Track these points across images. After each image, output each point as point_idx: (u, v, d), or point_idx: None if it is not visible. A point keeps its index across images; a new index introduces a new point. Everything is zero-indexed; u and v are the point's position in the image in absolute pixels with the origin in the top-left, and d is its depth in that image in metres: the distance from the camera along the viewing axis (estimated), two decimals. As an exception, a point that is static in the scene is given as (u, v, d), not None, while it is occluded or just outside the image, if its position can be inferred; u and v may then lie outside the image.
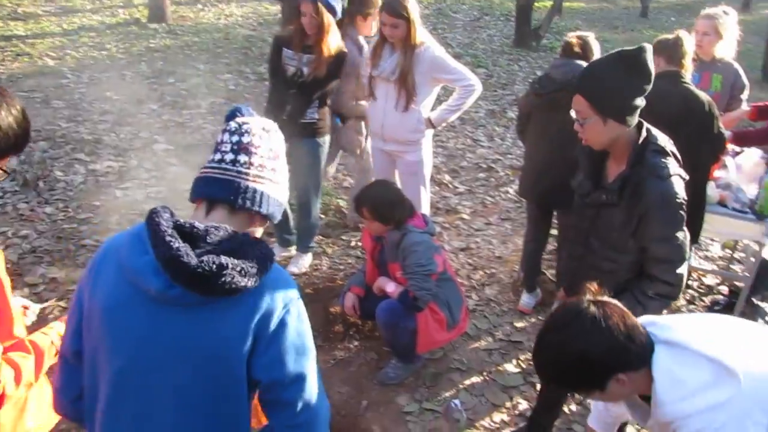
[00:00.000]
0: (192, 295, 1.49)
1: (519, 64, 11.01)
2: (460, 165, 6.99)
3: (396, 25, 4.09)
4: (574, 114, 2.53)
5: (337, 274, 4.88)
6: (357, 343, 4.19)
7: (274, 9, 12.66)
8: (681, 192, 2.49)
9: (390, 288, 3.76)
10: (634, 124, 2.53)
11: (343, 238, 5.39)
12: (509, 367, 4.09)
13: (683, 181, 2.52)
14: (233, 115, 1.75)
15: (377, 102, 4.40)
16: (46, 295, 4.28)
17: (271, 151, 1.69)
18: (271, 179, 1.68)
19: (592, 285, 1.95)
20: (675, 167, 2.50)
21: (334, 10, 4.24)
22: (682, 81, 3.72)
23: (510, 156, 7.30)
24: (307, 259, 4.92)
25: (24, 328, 2.09)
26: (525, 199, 4.69)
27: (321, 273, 4.89)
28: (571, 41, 4.03)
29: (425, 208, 4.66)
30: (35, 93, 7.85)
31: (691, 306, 4.88)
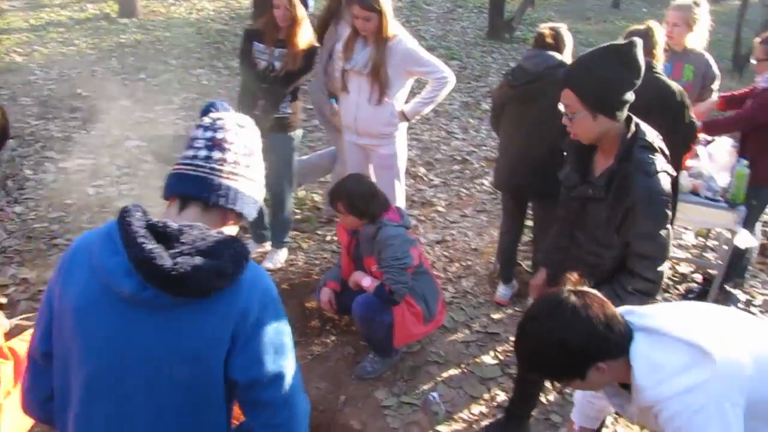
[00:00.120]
0: (166, 297, 1.46)
1: (492, 55, 11.03)
2: (435, 157, 6.98)
3: (368, 18, 4.06)
4: (563, 108, 2.52)
5: (313, 269, 4.86)
6: (334, 337, 4.18)
7: (246, 3, 12.56)
8: (667, 189, 2.49)
9: (366, 282, 3.75)
10: (624, 118, 2.53)
11: (319, 232, 5.36)
12: (487, 359, 4.09)
13: (670, 177, 2.52)
14: (208, 110, 1.71)
15: (350, 95, 4.37)
16: (16, 296, 4.22)
17: (245, 147, 1.65)
18: (246, 176, 1.65)
19: (573, 275, 1.96)
20: (662, 163, 2.50)
21: (306, 3, 4.21)
22: (654, 71, 3.73)
23: (485, 148, 7.32)
24: (282, 254, 4.89)
25: (1, 335, 2.05)
26: (500, 191, 4.69)
27: (297, 268, 4.86)
28: (543, 32, 4.03)
29: (400, 202, 4.65)
30: (2, 90, 7.74)
31: (665, 294, 4.92)
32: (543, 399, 3.71)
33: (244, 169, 1.64)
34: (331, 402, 3.67)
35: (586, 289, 1.93)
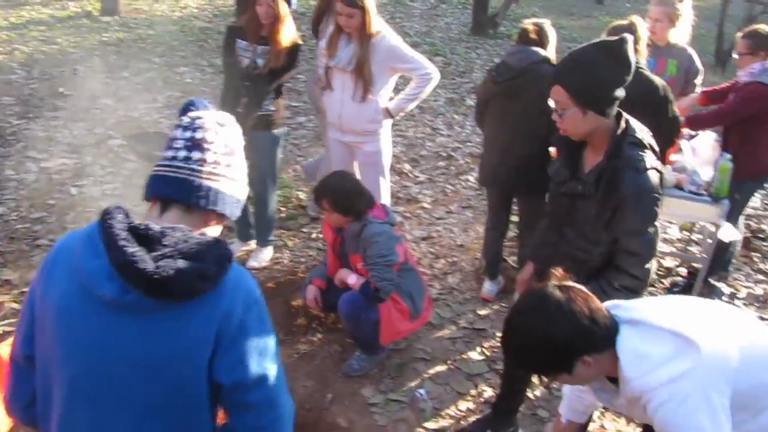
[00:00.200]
0: (148, 301, 1.44)
1: (477, 51, 11.02)
2: (420, 154, 6.98)
3: (351, 14, 4.04)
4: (553, 104, 2.51)
5: (299, 266, 4.84)
6: (320, 335, 4.17)
7: (230, 0, 12.50)
8: (657, 186, 2.49)
9: (351, 280, 3.74)
10: (614, 115, 2.53)
11: (304, 230, 5.35)
12: (473, 355, 4.09)
13: (659, 174, 2.52)
14: (187, 108, 1.69)
15: (334, 93, 4.35)
16: (-1, 298, 4.18)
17: (226, 146, 1.63)
18: (227, 176, 1.62)
19: (558, 270, 1.97)
20: (652, 160, 2.50)
21: (289, 0, 4.19)
22: (637, 66, 3.74)
23: (470, 144, 7.31)
24: (267, 252, 4.87)
25: None
26: (485, 187, 4.69)
27: (282, 266, 4.84)
28: (527, 28, 4.03)
29: (385, 199, 4.64)
30: (-17, 90, 7.66)
31: (650, 288, 4.93)
32: (530, 394, 3.71)
33: (225, 168, 1.62)
34: (318, 400, 3.66)
35: (570, 284, 1.93)
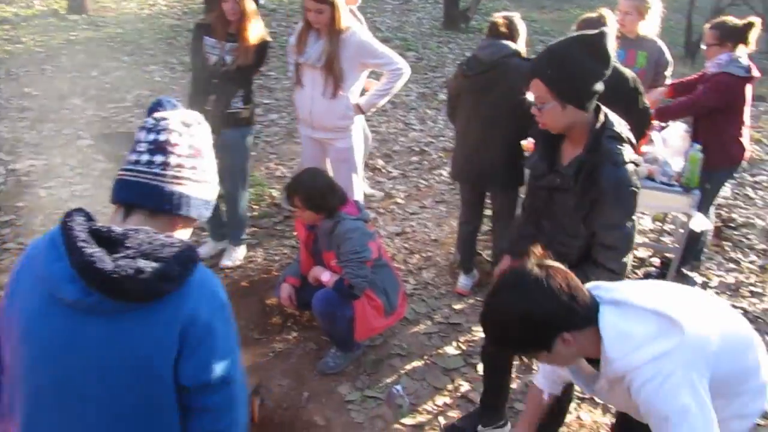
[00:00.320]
0: (110, 302, 1.42)
1: (449, 46, 11.02)
2: (393, 149, 6.96)
3: (320, 10, 4.01)
4: (532, 98, 2.50)
5: (273, 265, 4.81)
6: (295, 334, 4.15)
7: (199, -3, 12.39)
8: (634, 179, 2.50)
9: (325, 277, 3.72)
10: (593, 108, 2.53)
11: (278, 228, 5.32)
12: (449, 350, 4.09)
13: (637, 167, 2.53)
14: (155, 108, 1.65)
15: (304, 89, 4.32)
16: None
17: (191, 148, 1.59)
18: (192, 178, 1.59)
19: (536, 249, 1.96)
20: (630, 154, 2.51)
21: None
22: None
23: (442, 138, 7.31)
24: (240, 251, 4.83)
25: None
26: (457, 181, 4.69)
27: (256, 265, 4.81)
28: (497, 21, 4.03)
29: (358, 195, 4.62)
30: (-53, 91, 7.52)
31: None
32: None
33: (190, 171, 1.59)
34: (294, 399, 3.64)
35: (549, 262, 1.93)
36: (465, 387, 3.81)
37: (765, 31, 4.75)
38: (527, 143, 4.07)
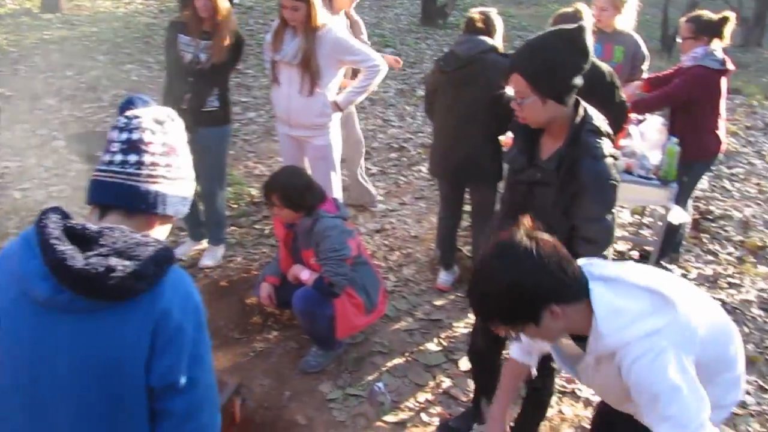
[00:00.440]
0: (81, 300, 1.40)
1: (427, 42, 11.03)
2: (372, 146, 6.94)
3: (296, 7, 3.99)
4: (512, 93, 2.50)
5: (252, 264, 4.79)
6: (276, 333, 4.13)
7: (175, -6, 12.31)
8: (614, 173, 2.50)
9: (305, 275, 3.71)
10: (572, 103, 2.53)
11: (257, 227, 5.29)
12: (431, 346, 4.09)
13: (616, 161, 2.53)
14: (127, 106, 1.63)
15: (281, 87, 4.29)
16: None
17: (164, 146, 1.58)
18: (167, 176, 1.57)
19: (526, 219, 1.93)
20: (609, 148, 2.51)
21: None
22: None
23: (421, 134, 7.31)
24: (219, 251, 4.80)
25: None
26: (436, 177, 4.69)
27: (235, 264, 4.78)
28: (473, 17, 4.03)
29: (337, 192, 4.60)
30: None
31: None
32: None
33: (165, 169, 1.57)
34: (276, 398, 3.63)
35: (538, 233, 1.89)
36: (447, 383, 3.80)
37: (739, 25, 4.78)
38: (506, 138, 4.08)
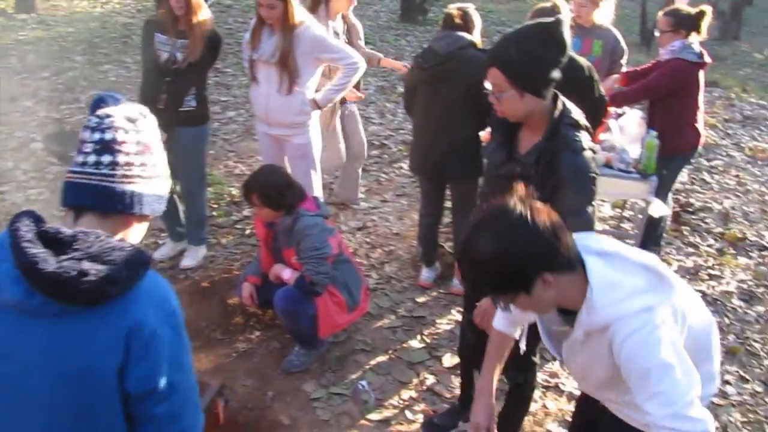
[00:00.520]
0: (52, 304, 1.38)
1: (406, 38, 11.02)
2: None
3: (272, 5, 3.96)
4: (490, 87, 2.49)
5: (234, 264, 4.76)
6: (258, 333, 4.11)
7: (153, -6, 12.21)
8: (593, 166, 2.50)
9: (286, 275, 3.69)
10: (551, 96, 2.52)
11: (238, 227, 5.26)
12: (414, 344, 4.09)
13: (594, 154, 2.53)
14: (97, 105, 1.58)
15: (260, 86, 4.26)
16: None
17: (138, 144, 1.55)
18: (142, 175, 1.55)
19: (519, 186, 1.90)
20: (588, 141, 2.51)
21: None
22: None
23: (402, 131, 7.30)
24: (200, 251, 4.77)
25: None
26: (417, 174, 4.69)
27: (216, 264, 4.75)
28: (451, 13, 4.03)
29: (317, 191, 4.58)
30: None
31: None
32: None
33: (140, 168, 1.55)
34: (259, 399, 3.61)
35: (532, 200, 1.84)
36: (431, 380, 3.80)
37: (716, 19, 4.81)
38: (485, 134, 4.08)
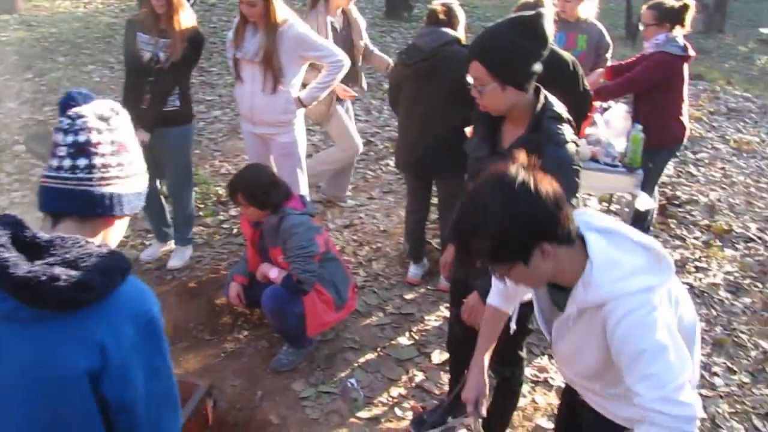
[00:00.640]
0: (25, 309, 1.36)
1: (392, 35, 11.00)
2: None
3: (253, 3, 3.93)
4: (472, 81, 2.49)
5: (221, 264, 4.74)
6: (246, 332, 4.10)
7: (137, -7, 12.14)
8: (576, 158, 2.50)
9: (273, 274, 3.68)
10: (533, 90, 2.52)
11: (224, 226, 5.24)
12: (402, 341, 4.08)
13: (577, 147, 2.53)
14: (67, 104, 1.53)
15: (244, 85, 4.24)
16: None
17: (113, 144, 1.51)
18: (120, 176, 1.52)
19: (521, 153, 1.88)
20: (570, 134, 2.51)
21: None
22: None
23: (388, 128, 7.28)
24: (187, 251, 4.74)
25: None
26: (402, 171, 4.68)
27: (204, 264, 4.73)
28: (435, 9, 4.02)
29: (303, 189, 4.56)
30: None
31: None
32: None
33: (117, 169, 1.52)
34: (248, 398, 3.60)
35: (535, 169, 1.82)
36: (419, 377, 3.80)
37: (700, 12, 4.83)
38: (470, 130, 4.07)
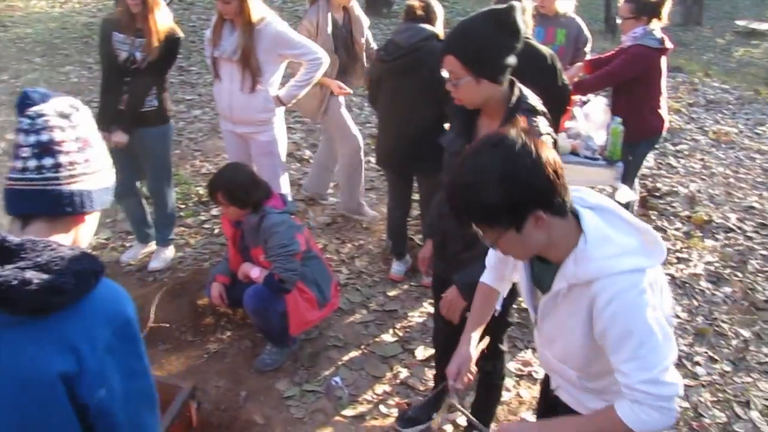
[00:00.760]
0: None
1: (372, 31, 10.94)
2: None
3: (227, 0, 3.91)
4: (446, 74, 2.48)
5: (203, 264, 4.71)
6: (230, 333, 4.08)
7: (114, -7, 12.03)
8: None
9: (254, 273, 3.67)
10: (507, 83, 2.52)
11: (206, 226, 5.21)
12: (386, 338, 4.08)
13: (553, 140, 2.53)
14: (24, 104, 1.50)
15: (223, 83, 4.21)
16: None
17: (78, 140, 1.49)
18: (87, 172, 1.50)
19: (522, 119, 1.85)
20: (545, 126, 2.51)
21: None
22: (524, 37, 3.77)
23: (369, 125, 7.26)
24: (168, 252, 4.71)
25: None
26: (383, 167, 4.67)
27: (185, 265, 4.70)
28: (413, 5, 4.02)
29: (284, 188, 4.54)
30: None
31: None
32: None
33: (83, 166, 1.50)
34: (232, 399, 3.59)
35: (534, 135, 1.80)
36: (404, 374, 3.80)
37: (678, 4, 4.86)
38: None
